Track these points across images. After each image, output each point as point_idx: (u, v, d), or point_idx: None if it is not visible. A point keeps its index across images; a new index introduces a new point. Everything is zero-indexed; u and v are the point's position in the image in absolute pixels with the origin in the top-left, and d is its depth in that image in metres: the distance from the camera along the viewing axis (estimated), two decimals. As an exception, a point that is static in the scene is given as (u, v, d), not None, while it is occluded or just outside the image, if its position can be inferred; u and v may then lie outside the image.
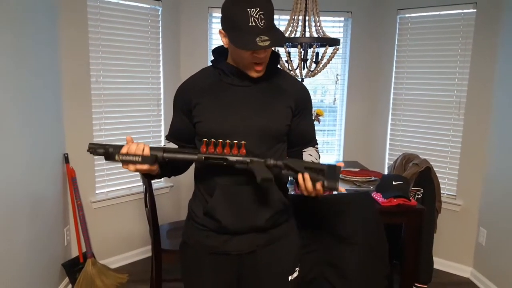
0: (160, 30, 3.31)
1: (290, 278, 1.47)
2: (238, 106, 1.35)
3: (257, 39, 1.21)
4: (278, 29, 1.30)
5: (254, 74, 1.33)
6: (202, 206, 1.41)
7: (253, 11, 1.21)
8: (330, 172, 1.24)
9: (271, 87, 1.40)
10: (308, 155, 1.51)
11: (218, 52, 1.43)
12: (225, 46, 1.34)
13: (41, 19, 2.46)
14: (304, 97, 1.47)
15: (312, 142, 1.56)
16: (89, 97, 2.95)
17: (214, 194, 1.36)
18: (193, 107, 1.38)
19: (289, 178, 1.62)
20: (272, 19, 1.27)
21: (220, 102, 1.36)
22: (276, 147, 1.40)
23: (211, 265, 1.43)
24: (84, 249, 2.94)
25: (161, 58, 3.35)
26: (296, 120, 1.43)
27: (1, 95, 1.97)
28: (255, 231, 1.39)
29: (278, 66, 1.48)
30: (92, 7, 2.89)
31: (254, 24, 1.21)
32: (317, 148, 1.59)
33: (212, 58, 1.44)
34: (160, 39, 3.33)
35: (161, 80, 3.36)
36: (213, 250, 1.41)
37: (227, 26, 1.27)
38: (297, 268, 1.50)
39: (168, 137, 1.51)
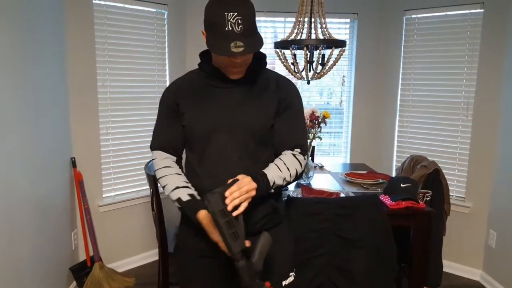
0: (166, 34, 3.32)
1: (284, 283, 1.45)
2: (221, 106, 1.37)
3: (232, 44, 1.20)
4: (256, 34, 1.27)
5: (232, 76, 1.36)
6: None
7: (230, 15, 1.19)
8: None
9: (254, 87, 1.41)
10: (278, 159, 1.41)
11: (203, 54, 1.45)
12: (208, 47, 1.32)
13: (47, 23, 2.47)
14: (287, 96, 1.43)
15: (293, 144, 1.43)
16: (95, 101, 2.96)
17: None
18: (180, 110, 1.41)
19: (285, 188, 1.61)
20: (251, 24, 1.24)
21: (204, 103, 1.39)
22: (262, 150, 1.40)
23: (203, 268, 1.45)
24: (91, 253, 2.94)
25: (167, 62, 3.36)
26: (278, 119, 1.42)
27: (8, 99, 1.98)
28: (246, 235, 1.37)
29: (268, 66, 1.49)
30: (99, 11, 2.90)
31: (230, 28, 1.20)
32: (298, 152, 1.44)
33: (200, 60, 1.46)
34: (166, 43, 3.33)
35: (167, 84, 3.37)
36: (204, 253, 1.43)
37: (206, 27, 1.28)
38: (291, 273, 1.48)
39: (155, 147, 1.49)
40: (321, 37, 2.59)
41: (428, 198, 2.64)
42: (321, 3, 2.56)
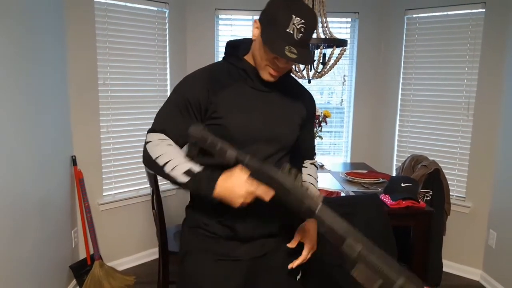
0: (167, 33, 3.32)
1: (298, 277, 1.48)
2: (262, 114, 1.29)
3: (287, 47, 1.16)
4: (309, 50, 1.27)
5: (266, 76, 1.27)
6: (216, 214, 1.33)
7: (297, 20, 1.15)
8: None
9: (287, 94, 1.36)
10: (307, 174, 1.49)
11: (233, 46, 1.36)
12: (253, 37, 1.27)
13: (48, 22, 2.47)
14: (312, 107, 1.47)
15: (313, 154, 1.56)
16: (96, 100, 2.96)
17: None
18: (209, 103, 1.27)
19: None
20: (310, 37, 1.21)
21: (245, 107, 1.28)
22: (286, 159, 1.40)
23: (219, 272, 1.36)
24: (91, 251, 2.94)
25: (167, 61, 3.36)
26: (303, 130, 1.42)
27: (9, 97, 1.98)
28: (267, 236, 1.37)
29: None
30: (100, 10, 2.90)
31: (291, 32, 1.16)
32: (315, 160, 1.58)
33: (225, 52, 1.37)
34: (167, 41, 3.33)
35: (168, 82, 3.37)
36: (222, 256, 1.35)
37: (266, 20, 1.21)
38: (300, 268, 1.50)
39: (157, 129, 1.30)
40: (322, 36, 2.59)
41: (428, 198, 2.64)
42: (323, 2, 2.56)
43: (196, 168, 1.21)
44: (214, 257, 1.36)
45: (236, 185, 1.16)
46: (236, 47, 1.34)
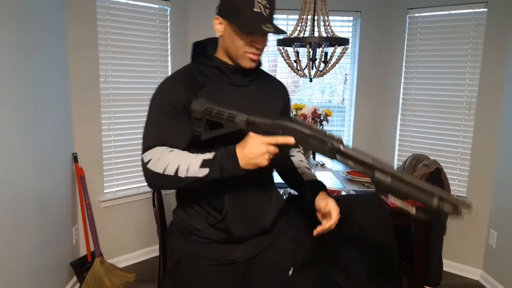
0: (168, 30, 3.32)
1: (290, 272, 1.48)
2: (244, 107, 1.22)
3: (262, 25, 1.17)
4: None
5: (248, 64, 1.25)
6: (207, 218, 1.30)
7: None
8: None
9: (264, 87, 1.37)
10: (299, 161, 1.50)
11: (200, 47, 1.35)
12: (219, 34, 1.26)
13: (50, 19, 2.47)
14: (287, 96, 1.48)
15: None
16: (98, 97, 2.97)
17: (225, 205, 1.26)
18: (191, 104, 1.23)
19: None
20: (274, 10, 1.23)
21: (225, 101, 1.23)
22: None
23: (215, 277, 1.33)
24: (92, 248, 2.95)
25: (169, 58, 3.35)
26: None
27: (10, 94, 1.98)
28: (261, 234, 1.37)
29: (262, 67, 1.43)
30: (101, 7, 2.90)
31: (259, 10, 1.17)
32: (300, 148, 1.55)
33: (192, 53, 1.36)
34: (169, 39, 3.33)
35: (169, 80, 3.37)
36: (217, 261, 1.32)
37: (228, 11, 1.21)
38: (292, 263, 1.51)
39: (153, 145, 1.20)
40: (324, 35, 2.58)
41: (429, 197, 2.64)
42: (325, 1, 2.56)
43: (209, 155, 1.15)
44: (208, 263, 1.32)
45: (255, 146, 1.12)
46: (203, 47, 1.33)
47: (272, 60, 3.75)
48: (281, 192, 2.42)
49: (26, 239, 2.16)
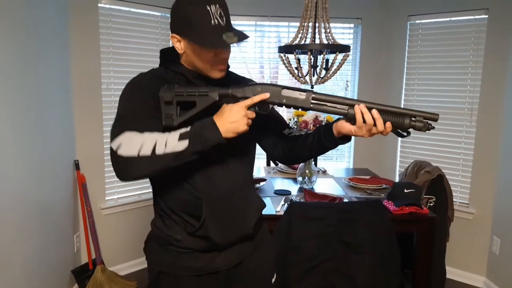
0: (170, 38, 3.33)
1: (273, 280, 1.48)
2: (212, 114, 1.16)
3: (223, 36, 1.13)
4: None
5: (217, 75, 1.23)
6: (185, 227, 1.27)
7: (213, 8, 1.13)
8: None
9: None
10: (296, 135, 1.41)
11: (166, 53, 1.31)
12: (179, 51, 1.23)
13: (52, 27, 2.49)
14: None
15: (286, 124, 1.47)
16: (100, 104, 2.97)
17: (203, 211, 1.23)
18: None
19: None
20: (229, 15, 1.19)
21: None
22: (251, 147, 1.40)
23: (198, 287, 1.31)
24: (93, 256, 2.94)
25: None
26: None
27: (12, 101, 1.99)
28: (243, 240, 1.34)
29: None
30: (104, 15, 2.92)
31: (216, 22, 1.13)
32: (292, 128, 1.49)
33: (160, 60, 1.32)
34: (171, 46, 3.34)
35: (171, 87, 3.38)
36: (199, 271, 1.29)
37: (184, 29, 1.16)
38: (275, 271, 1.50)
39: (126, 128, 1.12)
40: (325, 41, 2.59)
41: (431, 204, 2.63)
42: (326, 8, 2.57)
43: (186, 129, 1.11)
44: (190, 273, 1.29)
45: (232, 111, 1.12)
46: (170, 54, 1.29)
47: (274, 67, 3.76)
48: (283, 198, 2.43)
49: (27, 246, 2.15)
